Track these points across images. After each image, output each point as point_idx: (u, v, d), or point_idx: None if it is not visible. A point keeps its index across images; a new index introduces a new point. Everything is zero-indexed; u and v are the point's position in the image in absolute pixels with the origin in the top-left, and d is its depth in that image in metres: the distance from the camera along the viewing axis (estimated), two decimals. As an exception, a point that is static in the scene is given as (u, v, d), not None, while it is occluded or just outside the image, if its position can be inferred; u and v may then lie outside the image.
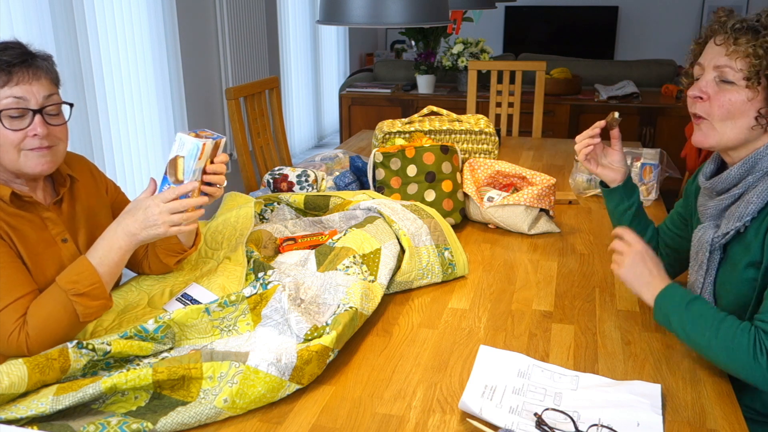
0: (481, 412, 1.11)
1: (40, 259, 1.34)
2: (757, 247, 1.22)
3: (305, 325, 1.29)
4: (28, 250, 1.32)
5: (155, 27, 3.65)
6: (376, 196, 1.90)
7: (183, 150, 1.33)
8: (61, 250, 1.39)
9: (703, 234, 1.32)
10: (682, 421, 1.12)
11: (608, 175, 1.58)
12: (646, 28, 6.95)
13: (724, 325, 1.18)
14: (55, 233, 1.39)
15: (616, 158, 1.56)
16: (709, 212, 1.32)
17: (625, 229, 1.40)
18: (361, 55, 7.56)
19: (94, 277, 1.29)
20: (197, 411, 1.10)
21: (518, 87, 3.45)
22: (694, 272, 1.35)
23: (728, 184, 1.28)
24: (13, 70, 1.28)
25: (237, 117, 2.77)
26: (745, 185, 1.25)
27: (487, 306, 1.54)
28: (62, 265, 1.37)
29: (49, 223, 1.38)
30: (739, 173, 1.26)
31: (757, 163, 1.24)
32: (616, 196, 1.58)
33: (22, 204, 1.35)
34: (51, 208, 1.40)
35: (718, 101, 1.26)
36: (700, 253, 1.32)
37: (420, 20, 1.25)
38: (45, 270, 1.35)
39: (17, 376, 1.12)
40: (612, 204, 1.60)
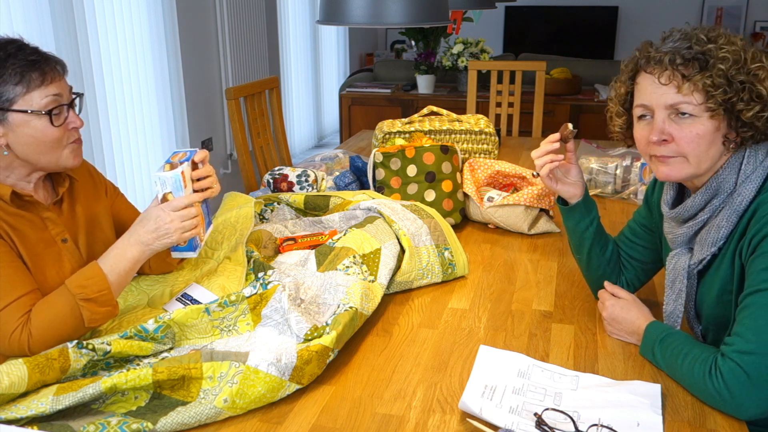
0: (481, 412, 1.11)
1: (39, 259, 1.34)
2: (728, 273, 1.21)
3: (305, 325, 1.29)
4: (28, 249, 1.32)
5: (155, 27, 3.65)
6: (376, 196, 1.90)
7: (167, 186, 1.35)
8: (61, 250, 1.39)
9: (677, 261, 1.31)
10: (682, 421, 1.12)
11: (568, 191, 1.47)
12: (646, 28, 6.95)
13: (688, 358, 1.18)
14: (55, 233, 1.38)
15: (574, 173, 1.47)
16: (679, 240, 1.30)
17: (611, 285, 1.44)
18: (361, 55, 7.56)
19: (104, 284, 1.29)
20: (197, 411, 1.10)
21: (518, 87, 3.45)
22: (672, 301, 1.33)
23: (695, 210, 1.25)
24: (45, 69, 1.30)
25: (237, 117, 2.77)
26: (711, 209, 1.23)
27: (487, 306, 1.54)
28: (62, 265, 1.37)
29: (48, 223, 1.38)
30: (704, 198, 1.23)
31: (720, 186, 1.21)
32: (576, 214, 1.48)
33: (22, 203, 1.35)
34: (51, 208, 1.40)
35: (685, 138, 1.20)
36: (677, 282, 1.31)
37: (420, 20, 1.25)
38: (45, 270, 1.34)
39: (17, 376, 1.12)
40: (572, 222, 1.50)
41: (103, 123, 3.28)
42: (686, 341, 1.22)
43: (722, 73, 1.16)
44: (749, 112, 1.16)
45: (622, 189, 2.29)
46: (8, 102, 1.27)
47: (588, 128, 4.39)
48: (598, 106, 4.35)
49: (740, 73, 1.16)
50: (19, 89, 1.27)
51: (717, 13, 6.86)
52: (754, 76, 1.16)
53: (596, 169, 2.32)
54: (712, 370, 1.13)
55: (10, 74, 1.26)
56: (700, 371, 1.14)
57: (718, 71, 1.16)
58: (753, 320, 1.11)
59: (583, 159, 2.36)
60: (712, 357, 1.15)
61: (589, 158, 2.36)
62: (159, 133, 3.76)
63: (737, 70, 1.16)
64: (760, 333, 1.10)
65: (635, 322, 1.34)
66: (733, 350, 1.11)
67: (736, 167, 1.21)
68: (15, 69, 1.26)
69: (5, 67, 1.26)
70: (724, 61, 1.16)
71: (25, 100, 1.27)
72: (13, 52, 1.28)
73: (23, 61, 1.27)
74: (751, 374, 1.08)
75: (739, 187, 1.20)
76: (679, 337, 1.24)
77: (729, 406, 1.11)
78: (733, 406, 1.10)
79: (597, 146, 2.51)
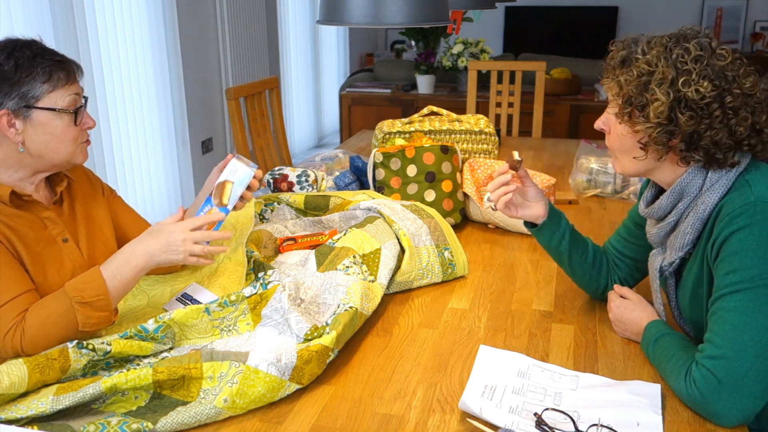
0: (481, 412, 1.11)
1: (40, 259, 1.34)
2: (698, 277, 1.22)
3: (305, 325, 1.29)
4: (28, 250, 1.32)
5: (155, 27, 3.65)
6: (376, 196, 1.90)
7: (234, 176, 1.37)
8: (62, 249, 1.39)
9: (653, 261, 1.33)
10: (682, 421, 1.12)
11: (531, 214, 1.46)
12: (646, 28, 6.89)
13: (671, 362, 1.19)
14: (55, 233, 1.38)
15: (532, 193, 1.45)
16: (654, 239, 1.31)
17: (619, 287, 1.44)
18: (361, 55, 7.56)
19: (101, 288, 1.28)
20: (197, 411, 1.10)
21: (518, 87, 3.45)
22: (654, 299, 1.35)
23: (663, 212, 1.26)
24: (69, 69, 1.34)
25: (237, 117, 2.77)
26: (677, 213, 1.23)
27: (487, 306, 1.54)
28: (63, 265, 1.37)
29: (48, 223, 1.38)
30: (669, 202, 1.24)
31: (683, 191, 1.21)
32: (546, 232, 1.48)
33: (22, 203, 1.35)
34: (51, 207, 1.40)
35: (612, 135, 1.27)
36: (654, 281, 1.33)
37: (420, 20, 1.25)
38: (45, 270, 1.34)
39: (17, 376, 1.12)
40: (545, 240, 1.49)
41: (104, 123, 3.28)
42: (677, 344, 1.22)
43: (622, 83, 1.19)
44: (642, 129, 1.18)
45: (622, 189, 2.29)
46: (34, 99, 1.29)
47: (588, 128, 4.39)
48: (598, 106, 4.35)
49: (637, 89, 1.17)
50: (45, 87, 1.30)
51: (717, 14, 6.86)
52: (652, 94, 1.15)
53: (596, 169, 2.32)
54: (687, 376, 1.13)
55: (39, 72, 1.29)
56: (680, 376, 1.15)
57: (619, 81, 1.20)
58: (720, 325, 1.11)
59: (583, 159, 2.36)
60: (689, 363, 1.15)
61: (589, 158, 2.36)
62: (159, 133, 3.76)
63: (636, 86, 1.17)
64: (727, 337, 1.10)
65: (638, 322, 1.34)
66: (704, 356, 1.12)
67: (701, 173, 1.20)
68: (44, 68, 1.29)
69: (34, 65, 1.29)
70: (629, 73, 1.18)
71: (50, 98, 1.31)
72: (39, 52, 1.31)
73: (50, 61, 1.31)
74: (722, 379, 1.08)
75: (704, 194, 1.19)
76: (672, 339, 1.24)
77: (706, 413, 1.11)
78: (710, 412, 1.10)
79: (597, 146, 2.50)
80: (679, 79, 1.13)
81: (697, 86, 1.12)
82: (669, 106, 1.14)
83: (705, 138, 1.14)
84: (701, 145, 1.15)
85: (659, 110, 1.14)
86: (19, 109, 1.29)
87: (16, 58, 1.29)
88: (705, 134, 1.14)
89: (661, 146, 1.18)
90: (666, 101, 1.14)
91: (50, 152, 1.34)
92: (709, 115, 1.13)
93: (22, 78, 1.28)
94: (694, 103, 1.13)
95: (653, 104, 1.15)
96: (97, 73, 3.20)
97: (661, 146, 1.18)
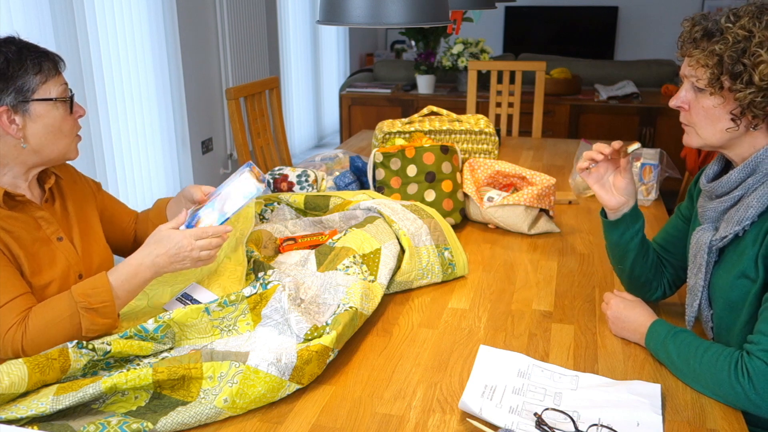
0: (481, 412, 1.11)
1: (36, 259, 1.34)
2: (751, 259, 1.21)
3: (305, 325, 1.29)
4: (24, 251, 1.32)
5: (155, 27, 3.65)
6: (376, 196, 1.90)
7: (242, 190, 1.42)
8: (57, 248, 1.39)
9: (701, 236, 1.31)
10: (682, 421, 1.13)
11: (603, 197, 1.43)
12: (646, 28, 6.95)
13: (709, 353, 1.18)
14: (49, 232, 1.38)
15: (622, 185, 1.41)
16: (708, 214, 1.30)
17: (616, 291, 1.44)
18: (361, 55, 7.56)
19: (108, 296, 1.29)
20: (197, 411, 1.10)
21: (518, 87, 3.45)
22: (693, 275, 1.33)
23: (729, 187, 1.26)
24: (56, 60, 1.35)
25: (237, 117, 2.77)
26: (745, 188, 1.23)
27: (487, 306, 1.54)
28: (58, 263, 1.37)
29: (42, 222, 1.38)
30: (740, 176, 1.24)
31: (758, 166, 1.22)
32: (622, 225, 1.43)
33: (15, 204, 1.34)
34: (44, 206, 1.40)
35: (695, 109, 1.27)
36: (698, 256, 1.31)
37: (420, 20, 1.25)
38: (42, 270, 1.34)
39: (17, 375, 1.12)
40: (618, 233, 1.44)
41: (103, 123, 3.28)
42: (699, 338, 1.23)
43: (718, 51, 1.18)
44: (742, 96, 1.18)
45: (622, 189, 2.29)
46: (30, 92, 1.30)
47: (588, 128, 4.39)
48: (598, 106, 4.35)
49: (736, 54, 1.17)
50: (38, 79, 1.31)
51: (717, 13, 6.85)
52: (752, 60, 1.16)
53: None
54: (739, 366, 1.13)
55: (29, 65, 1.30)
56: (725, 365, 1.14)
57: (714, 49, 1.19)
58: None
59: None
60: (737, 353, 1.14)
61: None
62: (159, 133, 3.76)
63: (734, 51, 1.17)
64: None
65: (638, 320, 1.34)
66: (760, 349, 1.11)
67: None
68: (32, 60, 1.30)
69: (23, 59, 1.30)
70: (724, 41, 1.18)
71: (44, 89, 1.32)
72: (23, 45, 1.32)
73: (36, 53, 1.32)
74: None
75: None
76: (692, 333, 1.24)
77: (753, 404, 1.11)
78: (758, 403, 1.11)
79: (597, 146, 2.50)
80: None
81: None
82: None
83: None
84: None
85: (765, 72, 1.14)
86: (18, 104, 1.29)
87: (5, 53, 1.29)
88: None
89: (760, 111, 1.18)
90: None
91: (50, 145, 1.35)
92: None
93: (15, 72, 1.28)
94: None
95: (759, 67, 1.15)
96: (97, 74, 3.19)
97: (760, 111, 1.18)
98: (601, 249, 1.86)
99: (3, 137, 1.31)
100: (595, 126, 4.37)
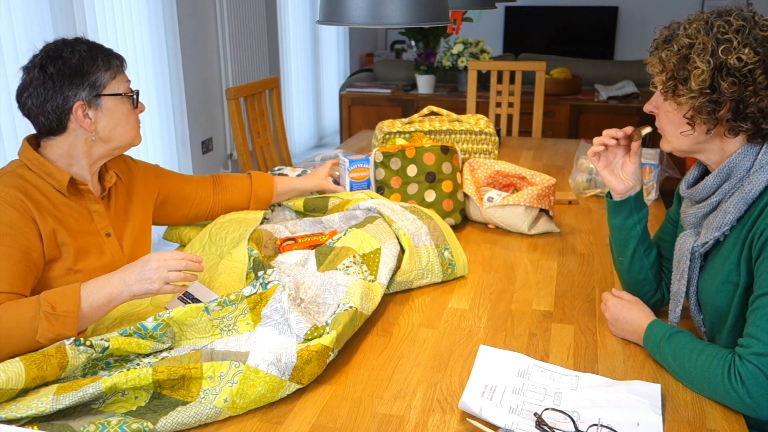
0: (481, 412, 1.11)
1: (85, 247, 1.40)
2: (733, 264, 1.22)
3: (305, 325, 1.29)
4: (72, 238, 1.38)
5: (155, 27, 3.65)
6: (376, 196, 1.90)
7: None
8: (104, 243, 1.44)
9: (684, 242, 1.32)
10: (682, 421, 1.13)
11: (611, 182, 1.45)
12: (646, 28, 6.95)
13: (703, 355, 1.18)
14: (100, 227, 1.45)
15: (630, 170, 1.43)
16: (689, 220, 1.31)
17: (615, 290, 1.44)
18: (361, 55, 7.56)
19: (74, 306, 1.24)
20: (197, 411, 1.10)
21: (518, 87, 3.45)
22: (677, 281, 1.34)
23: (706, 193, 1.26)
24: (121, 58, 1.44)
25: (237, 117, 2.77)
26: (722, 193, 1.24)
27: (487, 306, 1.54)
28: (104, 256, 1.43)
29: (96, 216, 1.44)
30: (715, 182, 1.24)
31: (732, 171, 1.22)
32: (626, 208, 1.44)
33: (76, 192, 1.41)
34: (100, 201, 1.46)
35: (662, 114, 1.29)
36: (682, 261, 1.32)
37: (420, 20, 1.25)
38: (87, 258, 1.40)
39: (14, 371, 1.11)
40: (622, 217, 1.45)
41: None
42: (695, 338, 1.23)
43: (664, 58, 1.21)
44: (685, 101, 1.20)
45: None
46: (102, 87, 1.38)
47: (588, 128, 4.39)
48: (598, 106, 4.35)
49: (678, 61, 1.19)
50: (108, 75, 1.39)
51: (717, 13, 6.85)
52: (692, 64, 1.18)
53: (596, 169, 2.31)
54: (732, 370, 1.13)
55: (100, 62, 1.38)
56: (718, 368, 1.14)
57: (661, 56, 1.22)
58: (767, 322, 1.12)
59: (583, 159, 2.36)
60: (730, 356, 1.15)
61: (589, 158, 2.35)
62: (159, 133, 3.76)
63: (677, 58, 1.19)
64: None
65: (636, 321, 1.34)
66: (751, 353, 1.12)
67: (751, 154, 1.21)
68: (102, 58, 1.39)
69: (95, 56, 1.38)
70: (670, 48, 1.21)
71: (114, 84, 1.40)
72: (92, 44, 1.40)
73: (105, 51, 1.41)
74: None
75: (752, 175, 1.20)
76: (687, 335, 1.24)
77: (748, 407, 1.12)
78: (752, 406, 1.11)
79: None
80: (719, 47, 1.15)
81: (739, 54, 1.14)
82: (710, 74, 1.16)
83: (751, 106, 1.16)
84: (748, 114, 1.17)
85: (701, 78, 1.16)
86: (92, 98, 1.37)
87: (79, 51, 1.37)
88: (750, 101, 1.15)
89: (706, 116, 1.19)
90: (706, 69, 1.16)
91: (117, 136, 1.43)
92: (753, 82, 1.15)
93: (89, 69, 1.37)
94: (736, 70, 1.14)
95: (694, 72, 1.17)
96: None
97: (706, 116, 1.19)
98: (601, 249, 1.86)
99: (76, 131, 1.39)
100: (595, 126, 4.37)
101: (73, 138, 1.39)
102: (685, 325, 1.38)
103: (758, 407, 1.11)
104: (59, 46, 1.37)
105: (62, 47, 1.37)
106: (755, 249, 1.17)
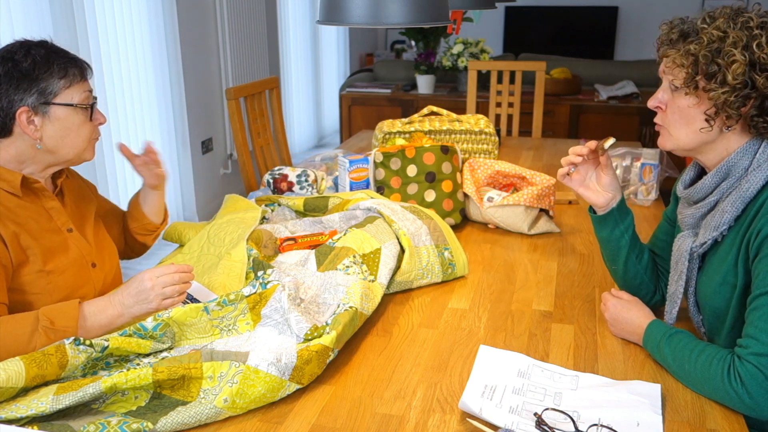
0: (481, 412, 1.11)
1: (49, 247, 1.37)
2: (731, 264, 1.22)
3: (305, 325, 1.29)
4: (35, 240, 1.36)
5: (155, 27, 3.65)
6: (376, 196, 1.90)
7: None
8: (68, 238, 1.43)
9: (682, 243, 1.32)
10: (682, 421, 1.13)
11: (593, 199, 1.44)
12: (646, 28, 6.95)
13: (703, 355, 1.18)
14: (60, 223, 1.43)
15: (606, 181, 1.43)
16: (687, 221, 1.31)
17: (615, 290, 1.43)
18: (361, 55, 7.56)
19: (72, 322, 1.25)
20: (197, 411, 1.10)
21: (518, 87, 3.45)
22: (674, 282, 1.34)
23: (704, 193, 1.26)
24: (83, 67, 1.40)
25: (237, 117, 2.77)
26: (719, 193, 1.23)
27: (487, 306, 1.54)
28: (70, 252, 1.41)
29: (53, 213, 1.42)
30: (713, 181, 1.24)
31: (730, 170, 1.22)
32: (610, 222, 1.44)
33: (29, 192, 1.39)
34: (54, 198, 1.44)
35: (671, 109, 1.26)
36: (680, 263, 1.32)
37: (420, 20, 1.25)
38: (55, 257, 1.38)
39: (14, 370, 1.11)
40: (607, 230, 1.45)
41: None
42: (695, 340, 1.23)
43: (693, 51, 1.19)
44: (716, 96, 1.18)
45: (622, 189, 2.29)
46: (52, 95, 1.34)
47: (588, 128, 4.39)
48: (598, 106, 4.35)
49: (711, 54, 1.17)
50: (62, 83, 1.35)
51: (717, 13, 6.85)
52: (726, 60, 1.16)
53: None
54: (731, 371, 1.13)
55: (55, 69, 1.34)
56: (717, 369, 1.14)
57: (689, 49, 1.19)
58: (766, 322, 1.12)
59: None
60: (729, 357, 1.15)
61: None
62: (159, 133, 3.76)
63: (708, 51, 1.17)
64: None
65: (636, 321, 1.34)
66: (750, 353, 1.12)
67: (750, 153, 1.21)
68: (59, 65, 1.35)
69: (50, 63, 1.34)
70: (699, 41, 1.18)
71: (67, 94, 1.36)
72: (53, 50, 1.36)
73: (64, 58, 1.36)
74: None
75: (750, 174, 1.19)
76: (687, 335, 1.24)
77: (747, 408, 1.12)
78: (752, 407, 1.11)
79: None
80: (752, 42, 1.14)
81: None
82: (746, 69, 1.15)
83: None
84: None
85: (737, 72, 1.15)
86: (38, 105, 1.33)
87: (33, 56, 1.33)
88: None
89: (734, 112, 1.18)
90: (744, 62, 1.14)
91: (65, 147, 1.38)
92: None
93: (40, 75, 1.33)
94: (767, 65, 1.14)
95: (732, 66, 1.15)
96: (97, 74, 3.19)
97: (734, 112, 1.18)
98: (601, 249, 1.86)
99: (21, 136, 1.35)
100: (595, 126, 4.37)
101: (20, 142, 1.35)
102: (684, 325, 1.39)
103: (758, 407, 1.11)
104: (15, 47, 1.34)
105: (17, 49, 1.33)
106: (752, 249, 1.17)
